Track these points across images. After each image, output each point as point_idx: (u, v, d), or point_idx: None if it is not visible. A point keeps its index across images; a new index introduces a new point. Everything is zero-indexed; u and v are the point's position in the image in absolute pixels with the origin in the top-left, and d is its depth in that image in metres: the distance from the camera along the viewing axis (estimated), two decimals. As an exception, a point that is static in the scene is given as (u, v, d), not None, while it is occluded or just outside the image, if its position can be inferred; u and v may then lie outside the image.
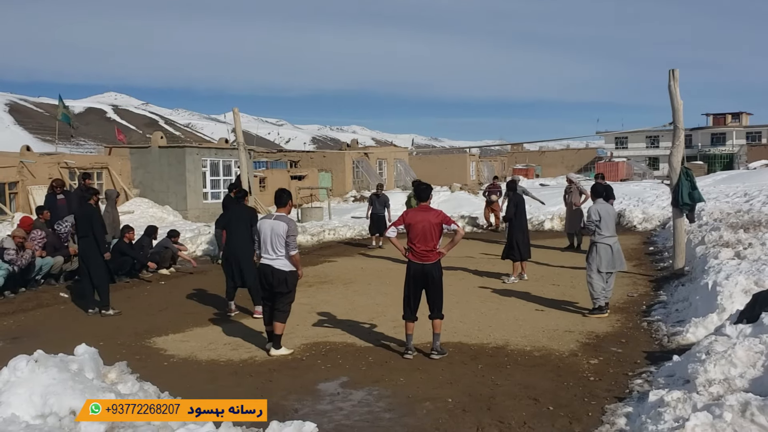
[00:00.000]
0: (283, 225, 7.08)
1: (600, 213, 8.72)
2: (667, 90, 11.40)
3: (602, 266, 8.70)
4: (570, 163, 74.56)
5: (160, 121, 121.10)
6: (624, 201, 23.52)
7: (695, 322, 7.40)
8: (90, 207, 9.93)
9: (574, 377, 6.27)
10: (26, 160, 22.09)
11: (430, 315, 7.05)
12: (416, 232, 6.86)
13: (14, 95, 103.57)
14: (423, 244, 6.86)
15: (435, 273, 6.96)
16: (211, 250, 15.67)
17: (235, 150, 18.12)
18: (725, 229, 12.33)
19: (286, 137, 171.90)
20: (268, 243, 7.14)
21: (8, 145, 36.60)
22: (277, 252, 7.13)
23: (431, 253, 6.90)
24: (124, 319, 9.37)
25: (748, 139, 76.90)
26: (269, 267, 7.16)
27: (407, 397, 5.85)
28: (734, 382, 4.92)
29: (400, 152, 48.63)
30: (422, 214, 6.95)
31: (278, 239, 7.09)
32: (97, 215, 9.81)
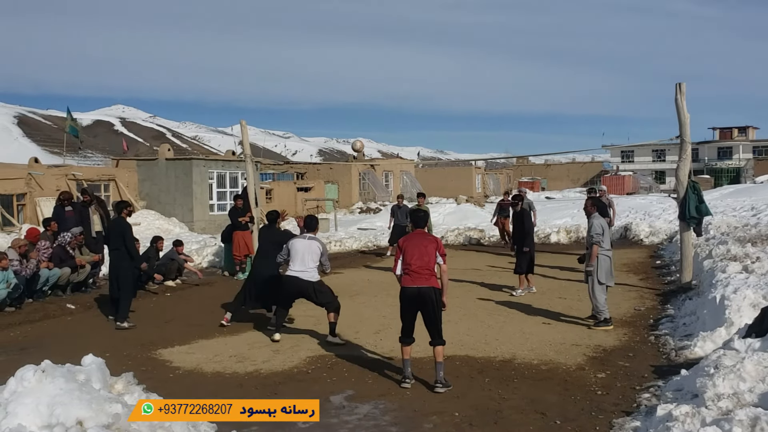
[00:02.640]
0: (317, 244, 8.31)
1: (602, 226, 9.00)
2: (674, 103, 11.40)
3: (602, 277, 8.87)
4: (576, 176, 74.48)
5: (167, 134, 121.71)
6: (630, 215, 23.41)
7: (703, 336, 7.35)
8: (122, 220, 9.94)
9: (581, 391, 6.24)
10: (34, 172, 22.23)
11: (430, 342, 6.66)
12: (411, 252, 6.65)
13: (23, 108, 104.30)
14: (419, 261, 6.57)
15: (431, 295, 6.55)
16: (217, 261, 15.70)
17: (242, 162, 18.18)
18: (733, 243, 12.28)
19: (293, 149, 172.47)
20: (299, 257, 8.21)
21: (16, 157, 36.86)
22: (307, 265, 8.19)
23: (427, 273, 6.57)
24: (131, 330, 9.38)
25: (754, 153, 76.73)
26: (297, 278, 8.18)
27: (414, 410, 5.83)
28: (743, 397, 4.88)
29: (406, 164, 48.73)
30: (418, 237, 6.85)
31: (312, 255, 8.23)
32: (128, 228, 9.89)
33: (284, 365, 7.43)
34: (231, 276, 14.25)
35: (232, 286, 13.28)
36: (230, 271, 14.43)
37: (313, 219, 8.60)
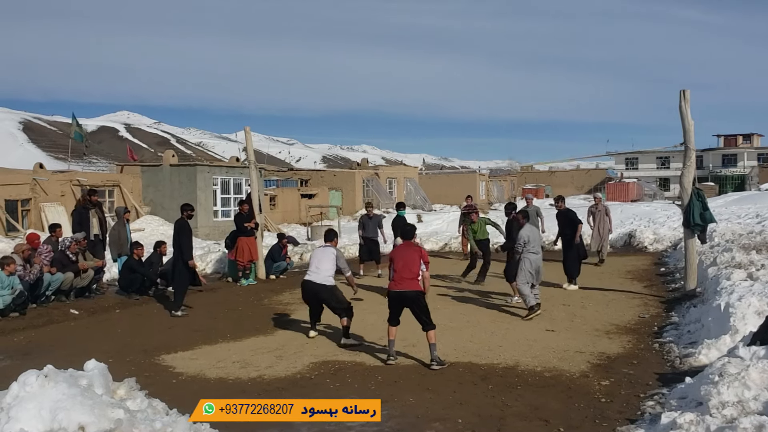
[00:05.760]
0: (332, 250, 8.98)
1: (528, 236, 10.19)
2: (678, 110, 11.38)
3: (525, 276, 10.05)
4: (580, 183, 74.42)
5: (171, 140, 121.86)
6: (635, 222, 23.37)
7: (708, 344, 7.32)
8: (181, 220, 11.10)
9: (585, 399, 6.21)
10: (39, 178, 22.30)
11: (422, 328, 7.46)
12: (397, 261, 7.62)
13: (28, 113, 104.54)
14: (402, 270, 7.52)
15: (413, 296, 7.50)
16: (220, 267, 15.70)
17: (246, 168, 18.22)
18: (737, 251, 12.24)
19: (297, 156, 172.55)
20: (314, 263, 8.88)
21: (22, 163, 36.99)
22: (319, 269, 8.76)
23: (409, 279, 7.49)
24: (134, 336, 9.38)
25: (759, 161, 76.56)
26: (310, 281, 8.79)
27: (416, 417, 5.80)
28: (748, 405, 4.85)
29: (411, 171, 48.73)
30: (405, 249, 7.85)
31: (327, 261, 8.82)
32: (183, 228, 10.93)
33: (287, 371, 7.42)
34: (234, 282, 14.25)
35: (235, 291, 13.30)
36: (233, 277, 14.42)
37: (331, 231, 9.38)
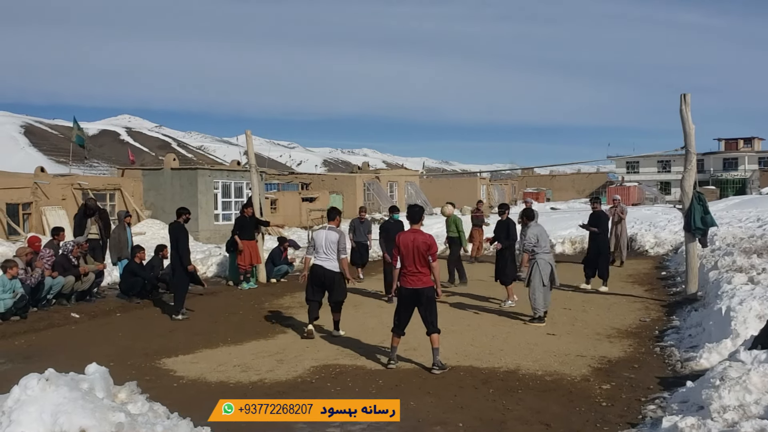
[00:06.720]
0: (335, 234, 8.77)
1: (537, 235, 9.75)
2: (679, 114, 11.39)
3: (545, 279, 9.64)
4: (581, 187, 74.39)
5: (172, 144, 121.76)
6: (636, 225, 23.32)
7: (709, 348, 7.32)
8: (177, 224, 11.07)
9: (586, 402, 6.21)
10: (40, 181, 22.32)
11: (426, 332, 7.33)
12: (405, 254, 7.25)
13: (30, 117, 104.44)
14: (412, 266, 7.21)
15: (425, 293, 7.26)
16: (221, 271, 15.69)
17: (247, 172, 18.23)
18: (738, 254, 12.23)
19: (298, 160, 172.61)
20: (323, 248, 8.76)
21: (23, 167, 36.99)
22: (329, 255, 8.73)
23: (421, 275, 7.23)
24: (134, 339, 9.38)
25: (760, 164, 76.57)
26: (321, 267, 8.78)
27: (417, 421, 5.79)
28: (749, 409, 4.85)
29: (411, 175, 48.76)
30: (412, 235, 7.32)
31: (331, 245, 8.74)
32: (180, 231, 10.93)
33: (288, 375, 7.41)
34: (235, 285, 14.24)
35: (236, 295, 13.30)
36: (235, 281, 14.42)
37: (334, 210, 9.19)
